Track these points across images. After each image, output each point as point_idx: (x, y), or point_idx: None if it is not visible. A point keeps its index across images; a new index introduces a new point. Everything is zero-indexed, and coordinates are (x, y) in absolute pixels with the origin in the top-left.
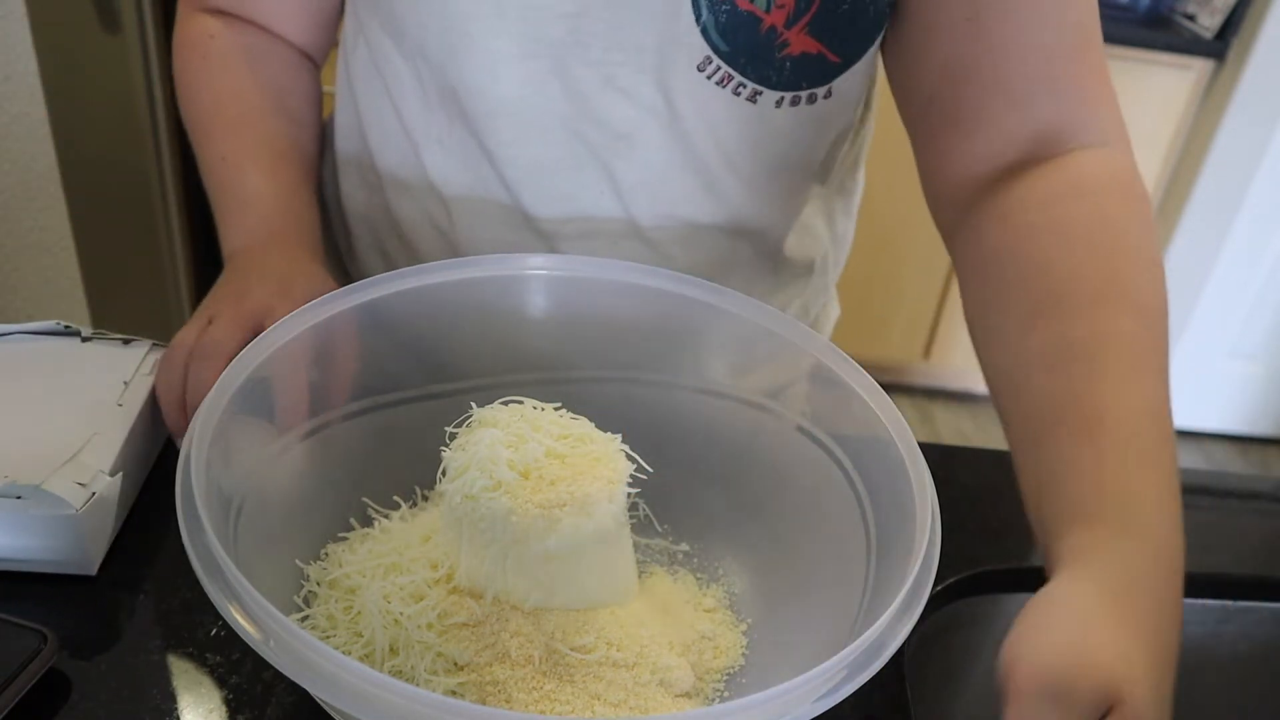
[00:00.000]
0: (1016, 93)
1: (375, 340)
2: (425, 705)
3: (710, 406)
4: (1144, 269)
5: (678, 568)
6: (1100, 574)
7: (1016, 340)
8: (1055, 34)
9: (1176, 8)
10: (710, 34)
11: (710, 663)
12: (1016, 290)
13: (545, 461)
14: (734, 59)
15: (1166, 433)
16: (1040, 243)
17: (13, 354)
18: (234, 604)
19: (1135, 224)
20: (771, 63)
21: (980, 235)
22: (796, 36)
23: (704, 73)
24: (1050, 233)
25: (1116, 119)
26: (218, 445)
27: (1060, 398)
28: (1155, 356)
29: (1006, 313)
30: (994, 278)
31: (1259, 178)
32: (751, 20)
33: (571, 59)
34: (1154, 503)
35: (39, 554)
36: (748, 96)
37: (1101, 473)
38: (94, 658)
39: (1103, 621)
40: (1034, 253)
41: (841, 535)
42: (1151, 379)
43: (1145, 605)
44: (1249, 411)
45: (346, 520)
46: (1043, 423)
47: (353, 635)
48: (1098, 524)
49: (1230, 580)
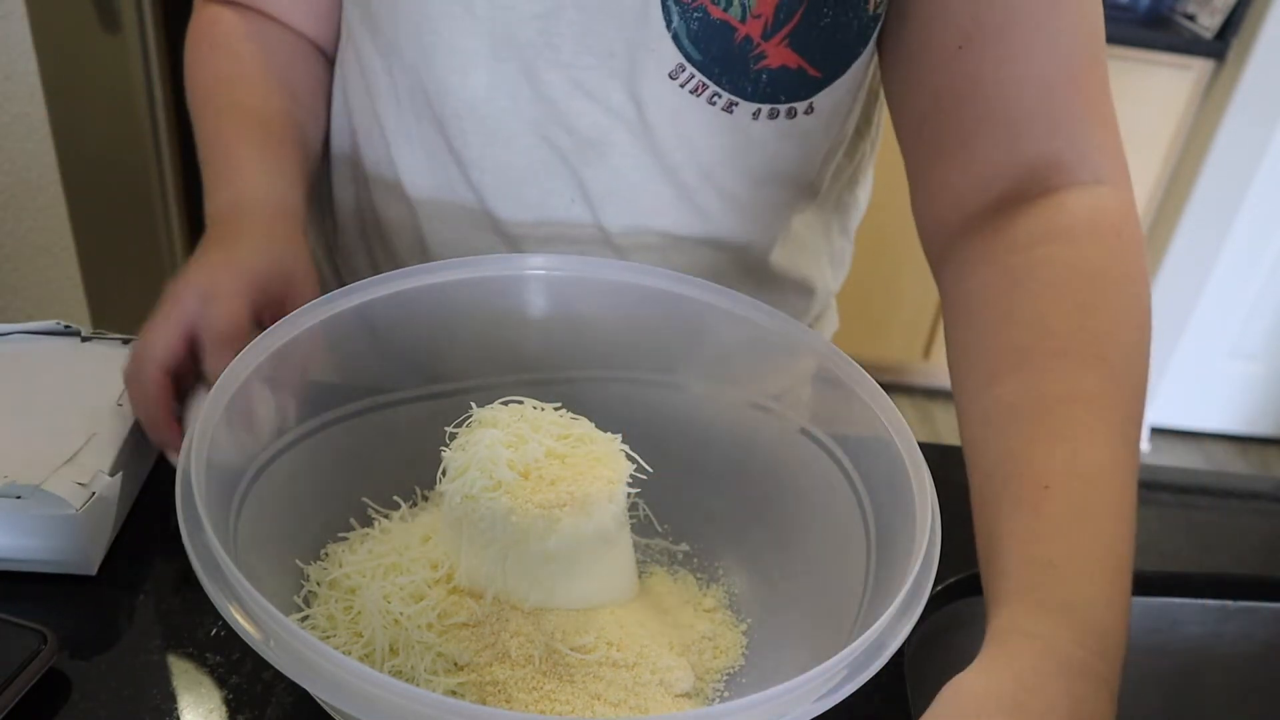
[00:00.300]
0: (1008, 125)
1: (374, 340)
2: (425, 705)
3: (710, 406)
4: (1119, 318)
5: (678, 568)
6: (1010, 665)
7: (981, 393)
8: (1051, 63)
9: (1176, 8)
10: (682, 41)
11: (710, 663)
12: (988, 339)
13: (545, 461)
14: (708, 68)
15: (1120, 497)
16: (1013, 289)
17: (13, 354)
18: (234, 604)
19: (1116, 270)
20: (747, 74)
21: (962, 275)
22: (775, 49)
23: (676, 80)
24: (1025, 279)
25: (1115, 151)
26: (218, 445)
27: (1010, 460)
28: (1119, 412)
29: (975, 363)
30: (970, 324)
31: (1259, 178)
32: (725, 29)
33: (541, 61)
34: (1084, 575)
35: (39, 554)
36: (723, 106)
37: (1033, 545)
38: (94, 658)
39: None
40: (1006, 300)
41: (841, 535)
42: (1111, 438)
43: (1051, 697)
44: (1249, 411)
45: (346, 520)
46: (992, 487)
47: (353, 635)
48: (1019, 601)
49: (1230, 580)
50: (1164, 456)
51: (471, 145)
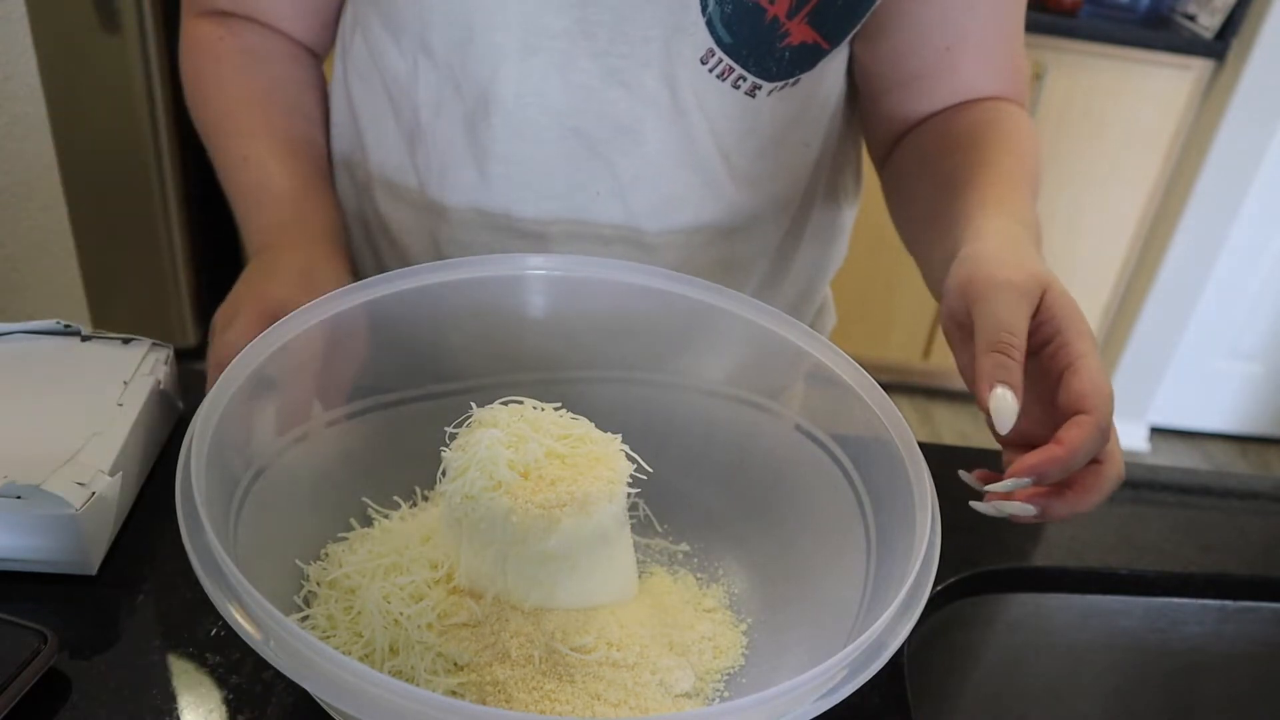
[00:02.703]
0: (963, 84)
1: (375, 340)
2: (425, 705)
3: (710, 406)
4: (1022, 137)
5: (678, 568)
6: (1001, 233)
7: (916, 186)
8: (999, 37)
9: (1176, 8)
10: (715, 26)
11: (710, 663)
12: (918, 166)
13: (545, 461)
14: (736, 51)
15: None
16: (936, 133)
17: (13, 354)
18: (234, 604)
19: (1018, 118)
20: (772, 53)
21: (896, 156)
22: (797, 26)
23: (706, 65)
24: (946, 125)
25: (1025, 83)
26: (218, 445)
27: (948, 194)
28: (1028, 182)
29: (910, 179)
30: (903, 173)
31: (1259, 178)
32: (756, 11)
33: (576, 51)
34: (1029, 212)
35: (39, 554)
36: (746, 90)
37: (985, 201)
38: (94, 658)
39: (1019, 243)
40: (930, 141)
41: (841, 535)
42: (1025, 193)
43: (1030, 249)
44: (1249, 411)
45: (346, 520)
46: (934, 209)
47: (353, 635)
48: (996, 215)
49: (1230, 580)
50: (1164, 456)
51: (499, 140)
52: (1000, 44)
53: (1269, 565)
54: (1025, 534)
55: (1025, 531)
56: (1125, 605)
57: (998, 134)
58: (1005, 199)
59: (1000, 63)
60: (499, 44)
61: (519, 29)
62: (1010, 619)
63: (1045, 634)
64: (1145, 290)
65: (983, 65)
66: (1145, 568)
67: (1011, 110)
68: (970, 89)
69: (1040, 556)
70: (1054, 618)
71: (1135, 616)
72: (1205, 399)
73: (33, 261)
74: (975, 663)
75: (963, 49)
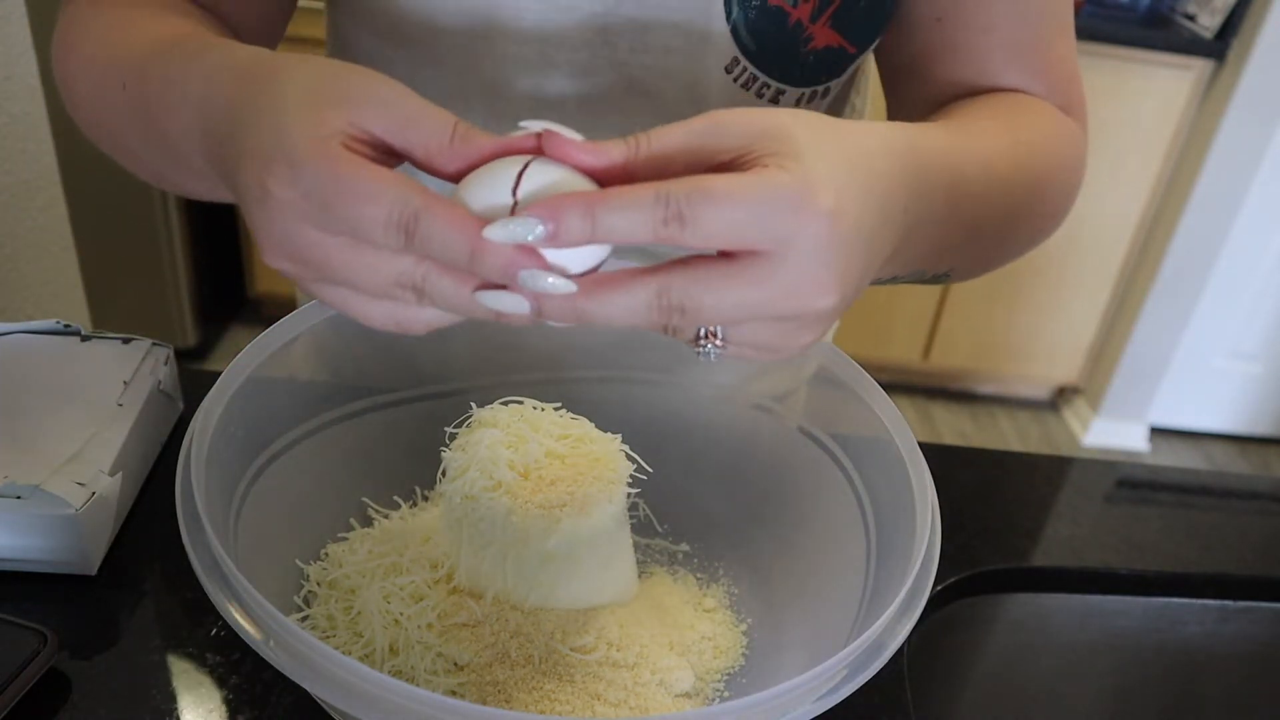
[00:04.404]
0: (986, 75)
1: (375, 340)
2: (425, 705)
3: (710, 406)
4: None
5: (678, 568)
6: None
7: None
8: (1024, 29)
9: (1176, 8)
10: (740, 33)
11: (710, 663)
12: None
13: (545, 461)
14: (760, 58)
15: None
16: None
17: (13, 354)
18: (234, 604)
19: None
20: (796, 58)
21: None
22: (820, 30)
23: (730, 74)
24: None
25: (1080, 98)
26: (218, 445)
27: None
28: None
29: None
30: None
31: (1259, 178)
32: (779, 15)
33: (597, 60)
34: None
35: (39, 554)
36: (770, 98)
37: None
38: (94, 658)
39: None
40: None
41: (841, 535)
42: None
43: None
44: (1249, 411)
45: (346, 520)
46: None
47: (353, 635)
48: (920, 132)
49: (1230, 580)
50: (1164, 456)
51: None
52: (1024, 32)
53: (1269, 565)
54: (1025, 534)
55: (1025, 531)
56: (1125, 605)
57: (997, 106)
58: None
59: (1029, 58)
60: (514, 54)
61: (535, 40)
62: (1010, 619)
63: (1045, 634)
64: (1145, 290)
65: (994, 50)
66: (1145, 568)
67: (1042, 105)
68: (980, 73)
69: (1040, 556)
70: (1053, 618)
71: (1135, 616)
72: (1205, 399)
73: (33, 261)
74: (975, 663)
75: (957, 23)
